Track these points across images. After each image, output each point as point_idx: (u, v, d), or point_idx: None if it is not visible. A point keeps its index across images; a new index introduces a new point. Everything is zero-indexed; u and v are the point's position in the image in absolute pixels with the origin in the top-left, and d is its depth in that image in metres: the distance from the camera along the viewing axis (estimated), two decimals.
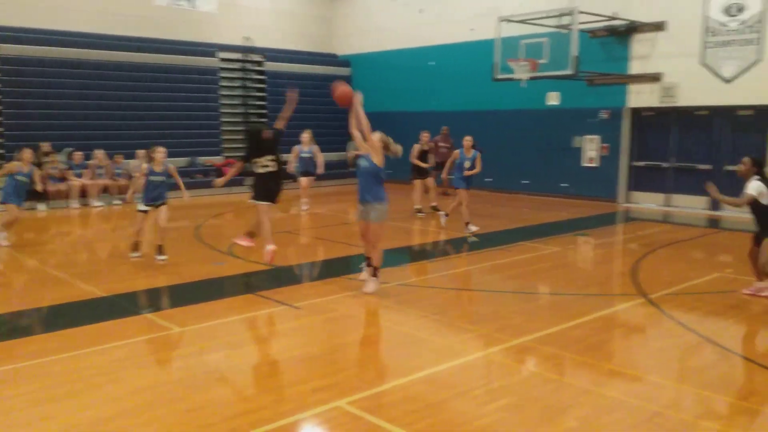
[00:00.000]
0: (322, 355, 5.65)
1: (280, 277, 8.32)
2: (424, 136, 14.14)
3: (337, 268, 9.25)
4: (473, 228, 11.32)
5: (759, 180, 7.13)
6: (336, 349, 5.81)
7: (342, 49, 22.79)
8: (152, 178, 9.22)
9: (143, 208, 9.28)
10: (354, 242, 10.74)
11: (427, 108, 19.77)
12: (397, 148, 7.39)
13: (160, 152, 9.26)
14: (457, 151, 11.69)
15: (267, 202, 8.42)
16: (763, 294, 7.26)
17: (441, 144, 16.58)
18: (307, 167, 14.36)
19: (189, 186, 17.06)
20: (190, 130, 18.96)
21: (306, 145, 14.33)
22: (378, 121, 21.43)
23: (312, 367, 5.32)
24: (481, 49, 16.92)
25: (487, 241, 11.00)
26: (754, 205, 7.15)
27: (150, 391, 4.79)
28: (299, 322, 6.57)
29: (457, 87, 18.93)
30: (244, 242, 8.64)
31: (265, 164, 8.41)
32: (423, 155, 14.02)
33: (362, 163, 7.26)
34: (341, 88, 7.74)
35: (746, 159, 7.32)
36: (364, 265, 7.69)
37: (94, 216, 14.42)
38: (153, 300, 7.55)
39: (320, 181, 19.17)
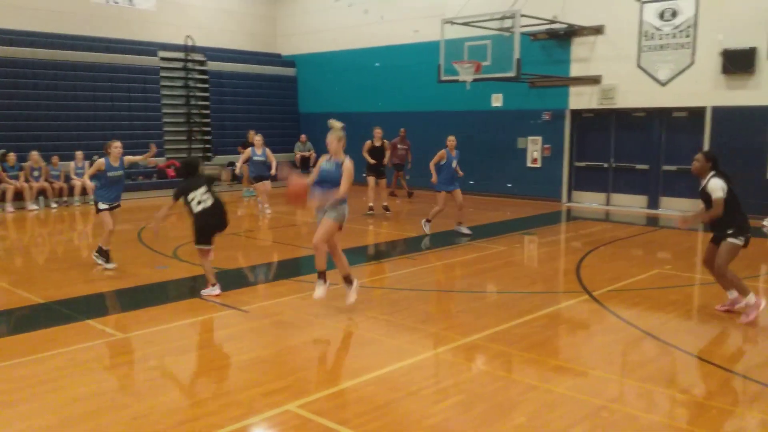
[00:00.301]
0: (271, 358, 5.59)
1: (227, 280, 8.18)
2: (377, 132, 14.19)
3: (285, 270, 9.15)
4: (465, 229, 11.46)
5: (716, 176, 6.47)
6: (285, 352, 5.75)
7: (287, 49, 22.60)
8: (111, 173, 8.76)
9: (104, 206, 8.78)
10: (302, 244, 10.68)
11: (374, 109, 19.80)
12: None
13: (116, 146, 8.81)
14: (443, 152, 11.29)
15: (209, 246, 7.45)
16: (750, 316, 6.39)
17: (399, 146, 16.66)
18: (262, 171, 14.12)
19: (131, 188, 16.82)
20: (132, 131, 18.46)
21: (259, 149, 14.12)
22: (323, 121, 21.33)
23: (261, 371, 5.25)
24: (426, 50, 17.06)
25: (434, 241, 11.09)
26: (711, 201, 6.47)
27: (93, 399, 4.64)
28: (247, 326, 6.47)
29: (403, 88, 19.02)
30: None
31: (200, 200, 7.24)
32: (375, 151, 14.04)
33: (327, 166, 6.61)
34: (292, 188, 6.58)
35: (699, 156, 6.65)
36: (355, 283, 6.91)
37: (30, 220, 13.88)
38: (94, 306, 7.30)
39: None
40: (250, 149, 14.30)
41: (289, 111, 22.22)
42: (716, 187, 6.43)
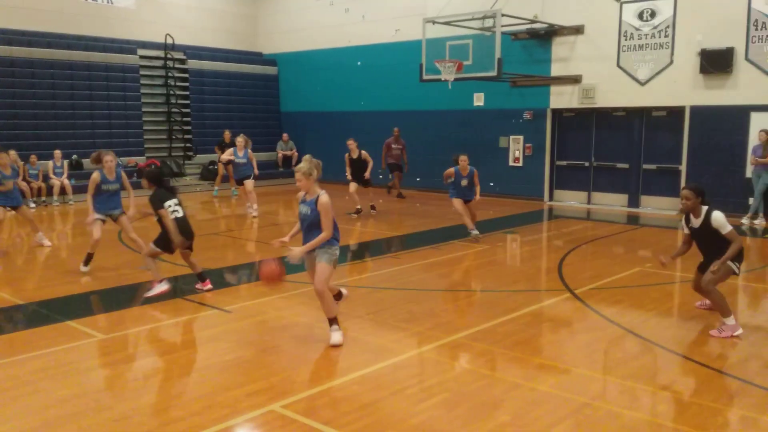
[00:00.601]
0: (254, 358, 5.55)
1: (210, 280, 8.12)
2: (350, 144, 13.65)
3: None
4: (475, 232, 10.92)
5: (712, 209, 6.14)
6: (268, 353, 5.72)
7: (268, 48, 22.50)
8: (105, 186, 8.57)
9: (98, 216, 8.62)
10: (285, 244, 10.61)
11: (355, 108, 19.78)
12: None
13: (109, 160, 8.53)
14: (452, 170, 10.95)
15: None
16: (723, 334, 6.06)
17: (394, 146, 16.67)
18: (246, 171, 13.80)
19: None
20: (111, 130, 18.28)
21: (241, 150, 13.80)
22: (305, 120, 21.45)
23: (244, 372, 5.22)
24: (408, 49, 17.09)
25: (418, 240, 11.10)
26: (716, 234, 6.13)
27: (74, 401, 4.58)
28: (230, 326, 6.43)
29: (385, 87, 19.02)
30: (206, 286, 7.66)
31: (174, 209, 7.22)
32: (354, 164, 13.63)
33: (302, 209, 5.80)
34: (265, 269, 5.88)
35: (687, 192, 6.18)
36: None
37: (8, 220, 13.65)
38: (75, 307, 7.21)
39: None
40: (232, 150, 14.03)
41: (271, 110, 22.12)
42: (723, 221, 6.07)
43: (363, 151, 13.64)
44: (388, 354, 5.56)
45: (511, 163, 16.89)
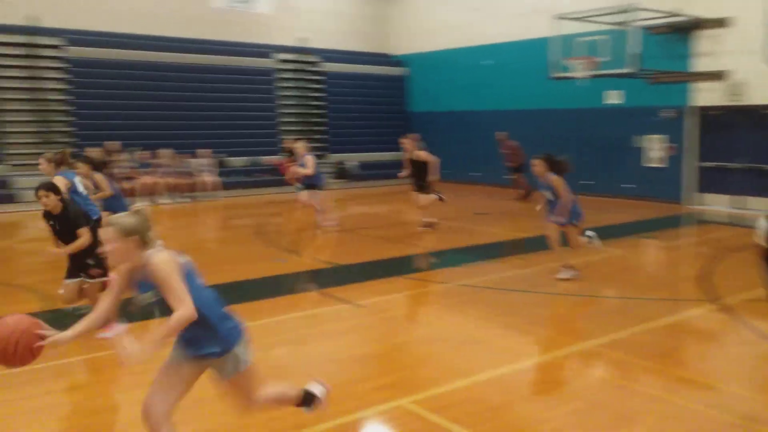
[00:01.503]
0: (383, 353, 5.64)
1: (342, 275, 8.36)
2: (406, 143, 11.81)
3: (398, 267, 9.21)
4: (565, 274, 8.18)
5: None
6: (397, 348, 5.79)
7: (397, 49, 22.82)
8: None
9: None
10: (412, 242, 10.71)
11: (482, 107, 19.60)
12: None
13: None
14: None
15: None
16: None
17: (508, 150, 16.45)
18: (312, 180, 11.82)
19: (250, 185, 17.57)
20: (249, 130, 19.34)
21: (301, 158, 11.86)
22: (431, 120, 21.51)
23: (373, 366, 5.31)
24: (537, 46, 16.67)
25: (543, 243, 10.79)
26: None
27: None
28: (361, 321, 6.57)
29: (512, 85, 18.69)
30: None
31: None
32: (413, 167, 11.57)
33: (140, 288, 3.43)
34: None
35: None
36: None
37: (163, 213, 14.80)
38: (223, 294, 7.64)
39: (374, 182, 19.32)
40: (310, 158, 11.78)
41: (397, 110, 22.46)
42: None
43: (422, 152, 11.59)
44: (516, 357, 5.46)
45: (647, 164, 16.01)
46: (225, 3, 19.47)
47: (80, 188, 7.65)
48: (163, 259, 3.24)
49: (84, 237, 5.77)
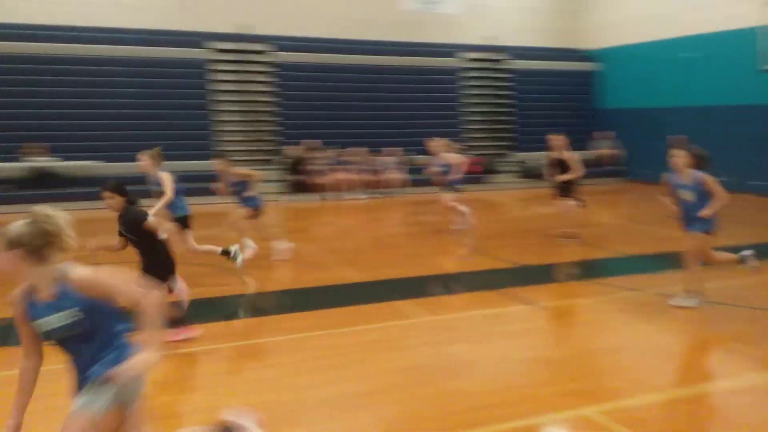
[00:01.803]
0: (567, 358, 5.43)
1: (526, 275, 8.19)
2: (555, 140, 10.35)
3: (588, 270, 8.84)
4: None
5: None
6: (582, 354, 5.55)
7: (588, 44, 21.92)
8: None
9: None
10: (600, 244, 10.21)
11: (680, 103, 18.15)
12: None
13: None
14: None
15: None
16: None
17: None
18: (451, 180, 11.24)
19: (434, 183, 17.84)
20: (435, 129, 19.61)
21: (437, 156, 11.39)
22: (624, 117, 20.32)
23: (556, 370, 5.14)
24: (741, 37, 15.05)
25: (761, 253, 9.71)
26: None
27: (401, 373, 5.01)
28: (544, 323, 6.41)
29: (715, 79, 17.07)
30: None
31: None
32: (559, 168, 10.32)
33: (49, 321, 2.78)
34: None
35: None
36: None
37: (352, 208, 15.57)
38: (403, 288, 7.86)
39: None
40: (451, 156, 11.31)
41: (585, 107, 21.58)
42: None
43: (569, 153, 10.32)
44: (720, 375, 4.98)
45: None
46: (415, 5, 20.00)
47: (177, 184, 7.76)
48: (86, 269, 2.76)
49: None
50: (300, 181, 16.68)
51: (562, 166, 10.24)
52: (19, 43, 15.88)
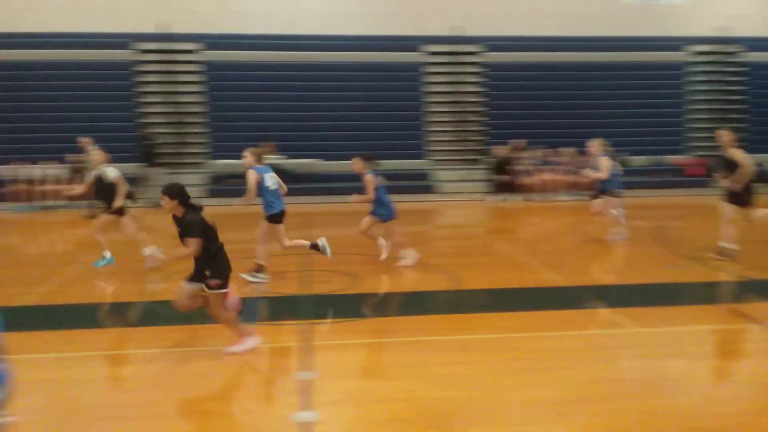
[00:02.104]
0: None
1: (753, 291, 7.41)
2: (723, 135, 8.81)
3: None
4: None
5: None
6: None
7: None
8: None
9: None
10: None
11: None
12: None
13: None
14: None
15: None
16: None
17: None
18: (604, 185, 10.45)
19: (652, 185, 16.73)
20: (652, 128, 18.47)
21: (594, 159, 10.54)
22: None
23: None
24: None
25: None
26: None
27: (606, 383, 4.82)
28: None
29: None
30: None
31: (216, 236, 5.55)
32: (728, 168, 8.79)
33: None
34: None
35: None
36: None
37: (564, 209, 15.18)
38: (610, 296, 7.55)
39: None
40: (605, 159, 10.40)
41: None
42: None
43: (737, 151, 8.69)
44: None
45: None
46: None
47: (268, 182, 7.74)
48: None
49: (190, 247, 5.28)
50: (505, 181, 16.65)
51: (729, 166, 8.71)
52: (263, 52, 17.84)
